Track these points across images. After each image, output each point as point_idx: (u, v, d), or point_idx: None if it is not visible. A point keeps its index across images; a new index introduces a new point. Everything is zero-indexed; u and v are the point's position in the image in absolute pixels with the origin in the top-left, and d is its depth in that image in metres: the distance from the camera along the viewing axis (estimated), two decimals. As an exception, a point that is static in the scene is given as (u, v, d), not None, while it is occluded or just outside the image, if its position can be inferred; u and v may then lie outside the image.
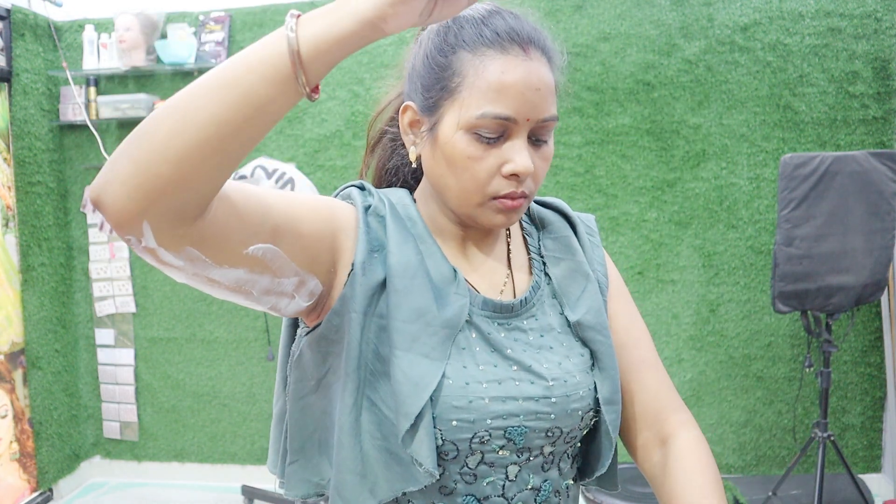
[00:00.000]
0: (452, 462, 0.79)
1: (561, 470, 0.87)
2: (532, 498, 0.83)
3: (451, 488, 0.80)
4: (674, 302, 2.94)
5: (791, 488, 2.65)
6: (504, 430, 0.79)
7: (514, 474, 0.82)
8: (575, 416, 0.83)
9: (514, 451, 0.81)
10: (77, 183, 3.26)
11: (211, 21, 3.07)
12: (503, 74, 0.77)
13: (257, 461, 3.27)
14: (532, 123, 0.78)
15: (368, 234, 0.80)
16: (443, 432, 0.77)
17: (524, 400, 0.79)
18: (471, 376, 0.78)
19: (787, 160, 2.29)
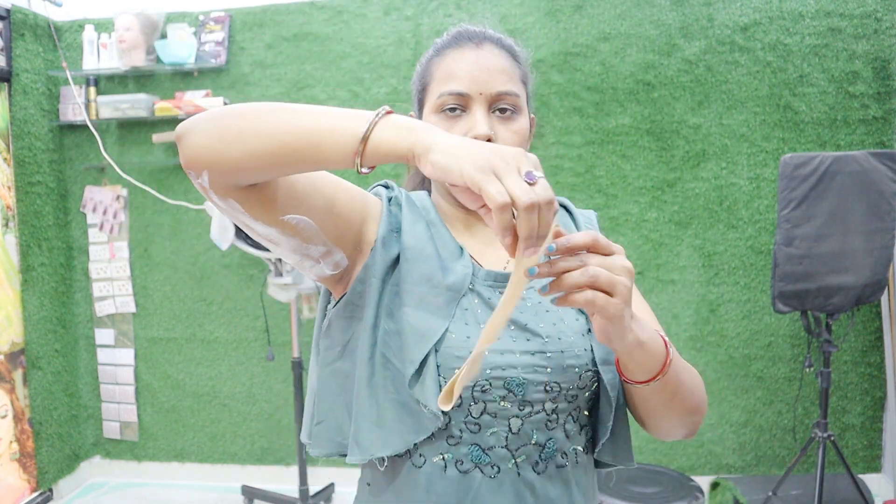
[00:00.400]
0: (457, 410, 0.87)
1: (567, 432, 0.92)
2: (536, 454, 0.89)
3: (457, 438, 0.88)
4: (674, 302, 2.94)
5: (791, 488, 2.65)
6: (503, 381, 0.87)
7: (517, 428, 0.88)
8: (571, 373, 0.89)
9: (516, 404, 0.88)
10: (77, 183, 3.26)
11: (211, 21, 3.07)
12: (455, 62, 0.94)
13: (257, 461, 3.27)
14: (486, 97, 0.92)
15: (389, 218, 0.94)
16: (446, 379, 0.85)
17: (521, 354, 0.88)
18: (472, 332, 0.87)
19: (787, 160, 2.29)
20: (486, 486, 0.88)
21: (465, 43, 0.95)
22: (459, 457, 0.88)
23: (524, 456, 0.89)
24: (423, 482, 0.89)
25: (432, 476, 0.89)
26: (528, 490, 0.89)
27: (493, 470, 0.88)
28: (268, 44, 3.07)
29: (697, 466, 3.00)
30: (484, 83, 0.92)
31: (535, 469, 0.89)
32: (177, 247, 3.22)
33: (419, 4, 2.96)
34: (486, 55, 0.94)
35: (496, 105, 0.93)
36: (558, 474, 0.91)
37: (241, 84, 3.10)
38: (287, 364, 3.16)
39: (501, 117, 0.93)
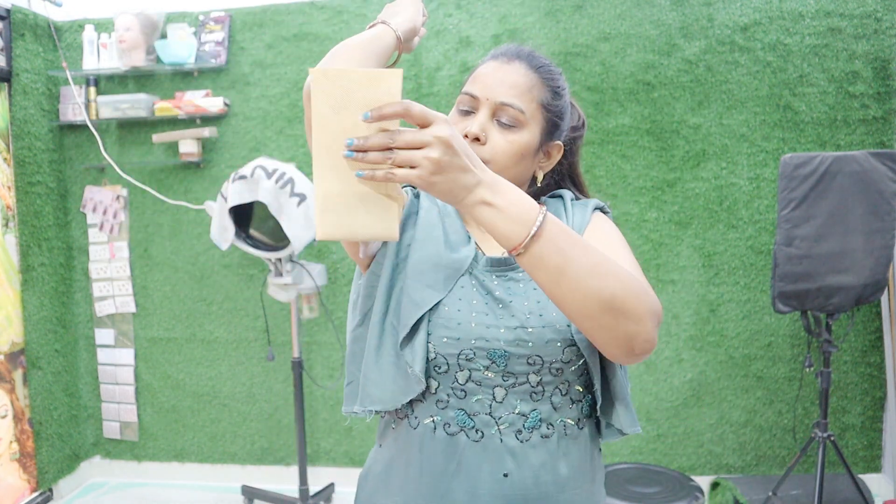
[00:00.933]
0: (444, 375, 0.98)
1: (554, 404, 1.00)
2: (520, 423, 0.98)
3: (444, 402, 0.99)
4: (674, 302, 2.94)
5: (791, 488, 2.65)
6: (487, 352, 0.97)
7: (502, 397, 0.98)
8: (553, 347, 0.97)
9: (500, 374, 0.97)
10: (77, 183, 3.26)
11: (211, 21, 3.07)
12: (483, 69, 1.07)
13: (257, 461, 3.27)
14: (491, 103, 1.02)
15: (409, 206, 1.07)
16: (435, 346, 0.97)
17: (505, 329, 0.97)
18: (463, 307, 0.99)
19: (787, 160, 2.29)
20: (471, 449, 0.98)
21: (500, 57, 1.06)
22: (447, 420, 0.99)
23: (507, 423, 0.98)
24: (417, 442, 1.01)
25: (424, 436, 1.00)
26: (510, 455, 0.97)
27: (478, 434, 0.98)
28: (268, 44, 3.07)
29: (697, 466, 3.00)
30: (492, 91, 1.03)
31: (517, 437, 0.98)
32: (177, 247, 3.22)
33: (419, 4, 2.96)
34: (509, 70, 1.04)
35: (499, 114, 1.03)
36: (543, 444, 0.99)
37: (241, 84, 3.10)
38: (287, 364, 3.16)
39: (502, 125, 1.03)
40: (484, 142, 1.02)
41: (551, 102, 1.06)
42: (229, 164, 3.12)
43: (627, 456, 3.03)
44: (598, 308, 0.82)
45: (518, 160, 1.04)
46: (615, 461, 2.99)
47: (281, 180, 2.58)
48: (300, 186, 2.60)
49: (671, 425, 2.99)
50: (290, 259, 2.78)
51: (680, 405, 2.98)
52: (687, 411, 2.98)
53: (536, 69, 1.05)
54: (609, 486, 2.56)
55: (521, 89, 1.03)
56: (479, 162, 0.83)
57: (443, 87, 2.97)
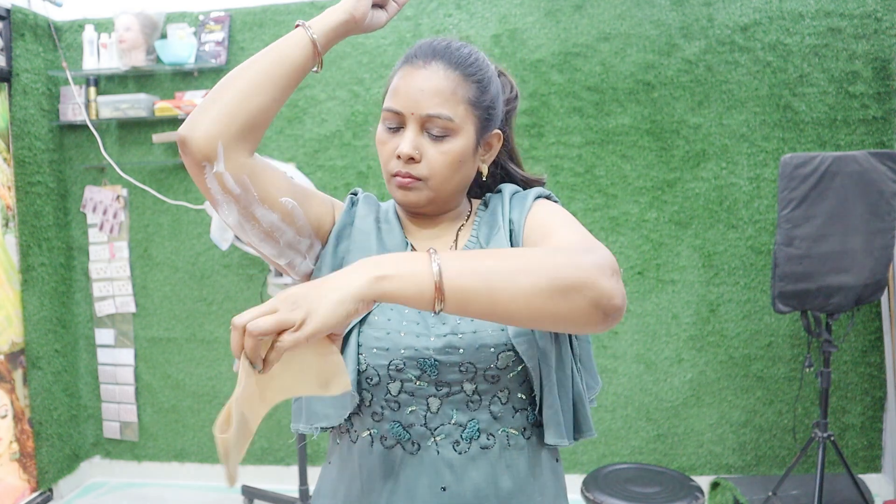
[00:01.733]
0: (376, 388, 0.95)
1: (493, 413, 0.95)
2: (458, 433, 0.95)
3: (380, 414, 0.96)
4: (674, 302, 2.94)
5: (791, 488, 2.65)
6: (416, 361, 0.93)
7: (436, 407, 0.95)
8: (486, 352, 0.93)
9: (432, 384, 0.94)
10: (77, 183, 3.26)
11: (211, 21, 3.07)
12: (399, 79, 0.99)
13: (257, 461, 3.27)
14: (417, 117, 0.96)
15: (346, 214, 1.05)
16: (365, 357, 0.94)
17: (435, 337, 0.94)
18: (394, 317, 0.96)
19: (787, 160, 2.29)
20: (408, 462, 0.95)
21: (415, 61, 0.98)
22: (383, 433, 0.96)
23: (443, 435, 0.94)
24: (357, 456, 0.98)
25: (363, 450, 0.98)
26: (448, 468, 0.94)
27: (414, 447, 0.95)
28: (268, 44, 3.07)
29: (697, 466, 3.00)
30: (416, 104, 0.96)
31: (455, 448, 0.94)
32: (177, 247, 3.22)
33: (419, 4, 2.96)
34: (427, 76, 0.97)
35: (427, 126, 0.97)
36: (483, 455, 0.94)
37: (241, 84, 3.10)
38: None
39: (433, 137, 0.97)
40: (419, 159, 0.97)
41: (480, 98, 0.99)
42: (229, 164, 3.12)
43: (627, 456, 3.03)
44: (547, 300, 0.77)
45: (458, 167, 0.99)
46: (615, 461, 2.99)
47: (281, 180, 2.58)
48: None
49: (671, 425, 2.99)
50: (290, 259, 2.78)
51: (680, 405, 2.98)
52: (687, 411, 2.98)
53: (456, 66, 0.97)
54: (609, 486, 2.56)
55: (445, 95, 0.96)
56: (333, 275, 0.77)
57: (443, 87, 2.97)
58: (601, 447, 3.04)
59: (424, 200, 1.00)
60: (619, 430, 3.03)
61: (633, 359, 2.99)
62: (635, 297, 2.96)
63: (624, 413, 3.01)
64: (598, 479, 2.62)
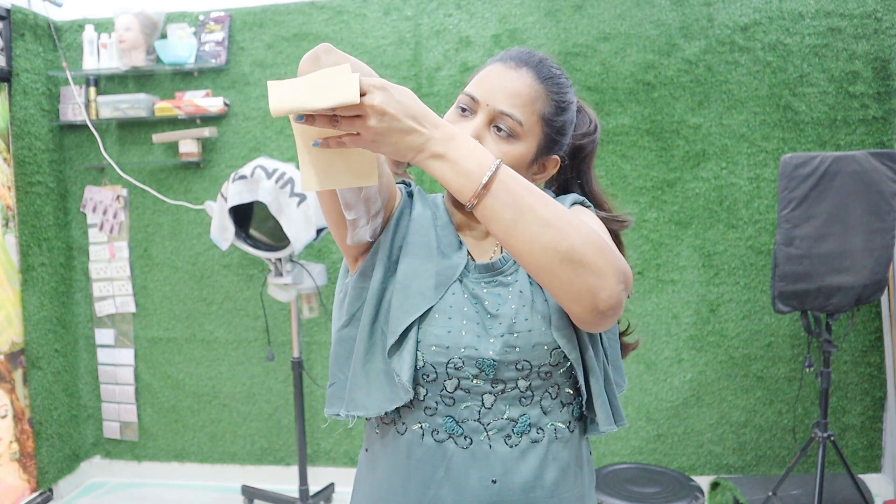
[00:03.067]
0: (432, 384, 0.97)
1: (544, 408, 0.99)
2: (510, 428, 0.98)
3: (433, 409, 0.98)
4: (674, 302, 2.94)
5: (791, 488, 2.65)
6: (476, 360, 0.96)
7: (490, 403, 0.97)
8: (540, 350, 0.96)
9: (488, 382, 0.96)
10: (77, 183, 3.26)
11: (211, 21, 3.07)
12: (488, 72, 1.02)
13: (257, 461, 3.27)
14: (490, 110, 0.98)
15: (404, 204, 1.05)
16: (424, 355, 0.96)
17: (494, 339, 0.96)
18: (454, 316, 0.97)
19: (787, 160, 2.29)
20: (459, 456, 0.97)
21: (508, 62, 1.02)
22: (435, 427, 0.98)
23: (496, 429, 0.97)
24: (405, 448, 1.00)
25: (412, 443, 1.00)
26: (499, 462, 0.97)
27: (466, 441, 0.97)
28: (268, 44, 3.07)
29: (697, 466, 3.00)
30: (493, 97, 0.99)
31: (506, 442, 0.97)
32: (177, 247, 3.22)
33: (419, 4, 2.96)
34: (514, 77, 1.00)
35: (496, 121, 0.99)
36: (532, 449, 0.98)
37: (241, 84, 3.10)
38: (287, 364, 3.16)
39: (497, 135, 0.99)
40: None
41: (553, 117, 1.02)
42: (229, 164, 3.12)
43: (627, 456, 3.03)
44: (557, 259, 0.81)
45: None
46: (615, 461, 2.99)
47: (281, 180, 2.58)
48: (300, 187, 2.60)
49: (671, 425, 2.99)
50: (290, 259, 2.78)
51: (680, 405, 2.98)
52: (687, 411, 2.98)
53: (543, 80, 1.01)
54: (609, 486, 2.56)
55: (524, 100, 0.99)
56: (433, 118, 0.84)
57: (443, 87, 2.97)
58: (601, 447, 3.04)
59: None
60: (620, 430, 3.02)
61: (633, 359, 2.98)
62: (635, 297, 2.96)
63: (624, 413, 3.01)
64: (598, 479, 2.62)
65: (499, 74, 1.00)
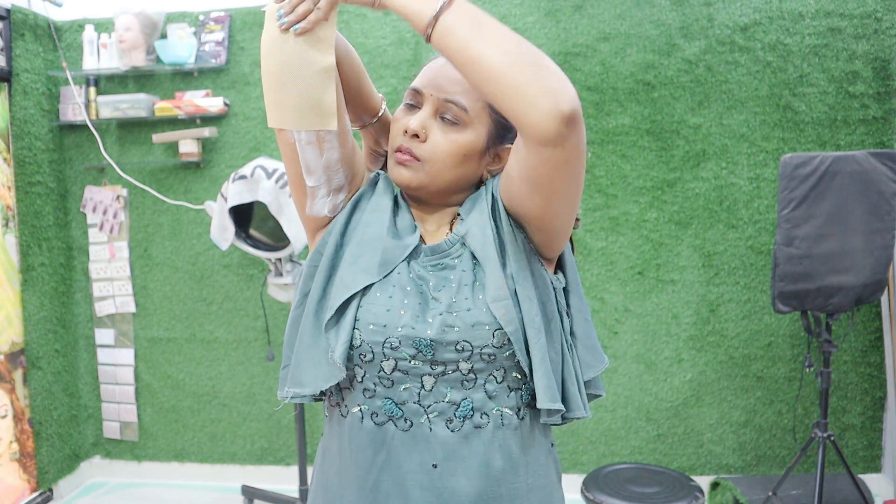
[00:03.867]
0: (370, 364, 0.95)
1: (489, 392, 0.96)
2: (451, 411, 0.95)
3: (371, 391, 0.96)
4: (674, 302, 2.94)
5: (791, 488, 2.65)
6: (412, 340, 0.93)
7: (431, 385, 0.95)
8: (481, 330, 0.93)
9: (427, 363, 0.94)
10: (77, 183, 3.26)
11: (211, 21, 3.07)
12: (431, 63, 1.03)
13: (257, 461, 3.27)
14: (434, 100, 0.98)
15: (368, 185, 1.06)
16: (361, 333, 0.94)
17: (432, 318, 0.93)
18: (396, 295, 0.95)
19: (787, 160, 2.29)
20: (399, 439, 0.95)
21: None
22: (374, 409, 0.96)
23: (437, 412, 0.95)
24: (347, 431, 0.99)
25: (353, 426, 0.98)
26: (440, 446, 0.94)
27: (406, 424, 0.95)
28: (268, 44, 3.07)
29: (697, 466, 3.00)
30: (436, 87, 0.99)
31: (448, 426, 0.95)
32: (177, 247, 3.22)
33: (419, 4, 2.96)
34: None
35: (441, 111, 0.99)
36: (476, 434, 0.95)
37: (241, 84, 3.10)
38: (287, 364, 3.16)
39: (444, 122, 0.99)
40: (424, 139, 0.98)
41: None
42: (229, 164, 3.12)
43: (627, 456, 3.03)
44: (518, 60, 0.83)
45: (460, 161, 0.99)
46: (615, 461, 2.99)
47: (281, 180, 2.59)
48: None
49: (671, 425, 2.99)
50: (290, 259, 2.78)
51: (680, 405, 2.98)
52: (687, 411, 2.98)
53: None
54: (609, 486, 2.56)
55: (466, 86, 0.97)
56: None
57: (443, 87, 2.97)
58: (601, 447, 3.04)
59: (416, 183, 1.00)
60: (619, 430, 3.03)
61: (633, 359, 2.99)
62: (635, 297, 2.96)
63: (624, 413, 3.01)
64: (598, 479, 2.62)
65: (440, 65, 1.01)
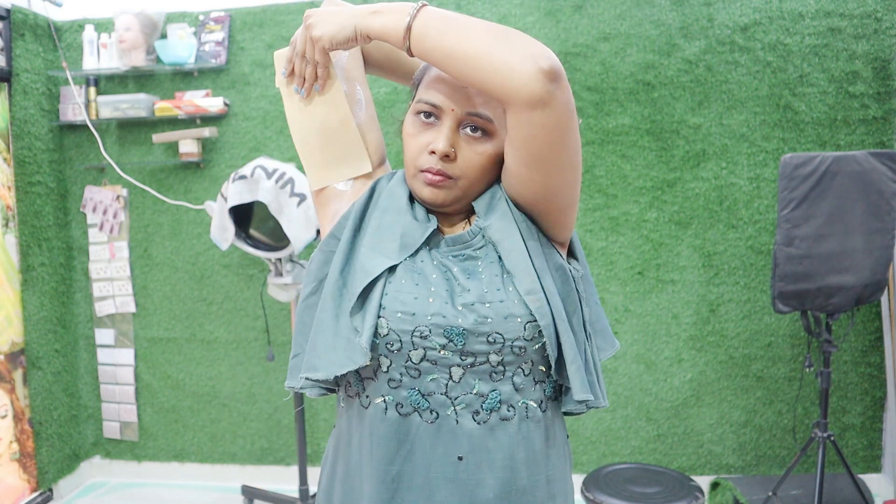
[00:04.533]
0: (397, 354, 0.93)
1: (516, 385, 0.94)
2: (478, 403, 0.93)
3: (397, 381, 0.94)
4: (674, 302, 2.94)
5: (791, 488, 2.65)
6: (443, 329, 0.91)
7: (459, 377, 0.93)
8: (513, 323, 0.91)
9: (457, 353, 0.92)
10: (77, 183, 3.26)
11: (211, 21, 3.07)
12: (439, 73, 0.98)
13: (257, 461, 3.27)
14: (456, 115, 0.95)
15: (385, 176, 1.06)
16: (389, 322, 0.92)
17: (463, 306, 0.91)
18: (421, 282, 0.93)
19: (787, 160, 2.29)
20: (425, 431, 0.93)
21: None
22: (399, 400, 0.94)
23: (464, 404, 0.93)
24: (368, 422, 0.96)
25: (375, 417, 0.95)
26: (466, 438, 0.93)
27: (432, 415, 0.93)
28: (268, 44, 3.07)
29: (697, 466, 3.00)
30: (458, 101, 0.95)
31: (474, 418, 0.93)
32: (177, 247, 3.22)
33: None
34: None
35: (465, 123, 0.96)
36: (502, 427, 0.94)
37: (241, 84, 3.10)
38: (287, 364, 3.16)
39: (470, 136, 0.96)
40: (454, 158, 0.96)
41: None
42: (229, 164, 3.13)
43: (627, 456, 3.03)
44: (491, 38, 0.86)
45: (489, 171, 0.98)
46: (615, 461, 2.99)
47: (281, 180, 2.58)
48: (300, 186, 2.60)
49: (671, 425, 2.99)
50: (290, 259, 2.78)
51: (680, 405, 2.98)
52: (687, 411, 2.98)
53: None
54: (609, 486, 2.56)
55: (487, 96, 0.94)
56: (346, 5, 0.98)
57: (443, 87, 2.97)
58: (601, 447, 3.04)
59: (452, 199, 0.98)
60: (619, 430, 3.03)
61: (633, 359, 2.99)
62: (635, 297, 2.96)
63: (624, 413, 3.01)
64: (598, 479, 2.62)
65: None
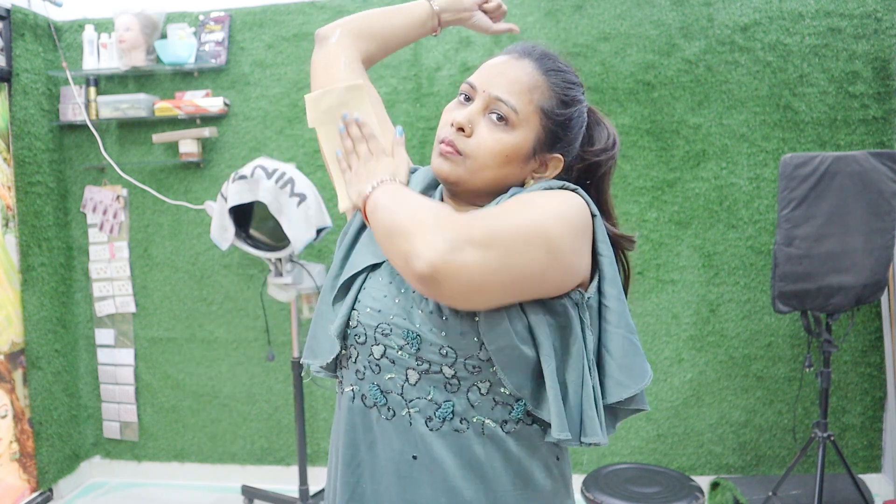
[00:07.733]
0: (362, 346, 0.99)
1: (471, 401, 0.94)
2: (431, 410, 0.95)
3: (362, 373, 1.00)
4: (674, 302, 2.94)
5: (791, 488, 2.65)
6: (403, 330, 0.94)
7: (415, 380, 0.95)
8: (469, 340, 0.91)
9: (413, 357, 0.94)
10: (77, 183, 3.26)
11: (211, 21, 3.07)
12: (489, 61, 1.03)
13: (257, 461, 3.27)
14: (486, 96, 0.98)
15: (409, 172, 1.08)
16: (359, 314, 0.99)
17: (426, 314, 0.93)
18: (396, 282, 0.98)
19: (787, 160, 2.29)
20: (383, 426, 0.97)
21: (512, 52, 1.03)
22: (364, 391, 0.99)
23: (418, 408, 0.95)
24: (344, 408, 1.03)
25: (348, 403, 1.02)
26: (419, 440, 0.95)
27: (389, 413, 0.97)
28: (268, 44, 3.07)
29: (697, 466, 3.00)
30: (489, 84, 0.98)
31: (427, 423, 0.95)
32: (177, 247, 3.22)
33: (419, 4, 2.96)
34: (514, 66, 1.00)
35: (491, 108, 0.98)
36: (454, 437, 0.94)
37: (241, 84, 3.10)
38: (287, 364, 3.16)
39: (492, 122, 0.98)
40: (469, 134, 0.97)
41: (554, 110, 0.99)
42: (229, 164, 3.12)
43: (627, 456, 3.03)
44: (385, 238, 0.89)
45: (503, 161, 0.97)
46: (615, 461, 2.99)
47: (281, 180, 2.58)
48: (300, 186, 2.60)
49: (671, 425, 2.99)
50: (290, 259, 2.78)
51: (680, 405, 2.98)
52: (687, 411, 2.98)
53: (545, 72, 0.99)
54: (609, 486, 2.56)
55: (521, 87, 0.97)
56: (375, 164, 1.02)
57: (443, 88, 2.97)
58: (601, 447, 3.04)
59: (455, 177, 0.98)
60: (619, 430, 3.03)
61: (633, 359, 2.98)
62: (635, 297, 2.96)
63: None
64: (598, 479, 2.62)
65: (499, 63, 1.01)
